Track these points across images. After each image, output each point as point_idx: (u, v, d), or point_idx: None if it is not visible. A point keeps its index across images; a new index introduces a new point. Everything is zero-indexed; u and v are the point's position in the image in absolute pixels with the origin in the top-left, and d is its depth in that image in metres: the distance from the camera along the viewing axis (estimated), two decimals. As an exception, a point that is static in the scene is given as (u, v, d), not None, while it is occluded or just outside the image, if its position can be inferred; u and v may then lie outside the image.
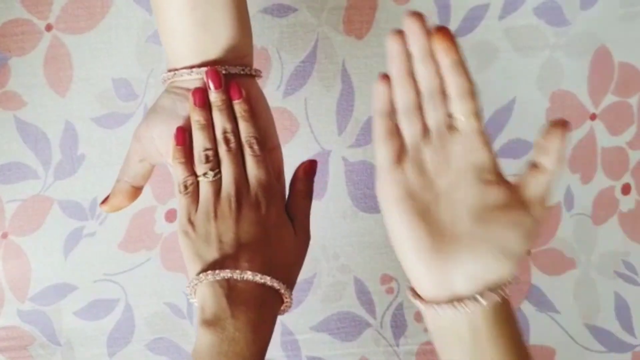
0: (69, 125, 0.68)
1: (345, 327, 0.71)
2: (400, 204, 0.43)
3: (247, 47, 0.51)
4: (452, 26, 0.70)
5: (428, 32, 0.43)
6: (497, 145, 0.72)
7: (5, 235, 0.68)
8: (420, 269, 0.43)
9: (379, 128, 0.45)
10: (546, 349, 0.74)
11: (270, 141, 0.51)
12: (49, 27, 0.66)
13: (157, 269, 0.70)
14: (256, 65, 0.68)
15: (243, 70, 0.50)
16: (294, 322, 0.71)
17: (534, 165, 0.43)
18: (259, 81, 0.68)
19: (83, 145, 0.68)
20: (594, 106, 0.73)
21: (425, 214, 0.43)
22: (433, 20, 0.70)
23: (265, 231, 0.48)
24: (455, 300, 0.42)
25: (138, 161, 0.51)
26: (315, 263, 0.71)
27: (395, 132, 0.44)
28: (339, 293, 0.71)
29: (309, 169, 0.51)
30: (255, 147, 0.49)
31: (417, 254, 0.43)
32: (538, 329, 0.74)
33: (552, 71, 0.72)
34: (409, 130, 0.44)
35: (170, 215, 0.70)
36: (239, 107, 0.49)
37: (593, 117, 0.73)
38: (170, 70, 0.50)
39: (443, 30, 0.43)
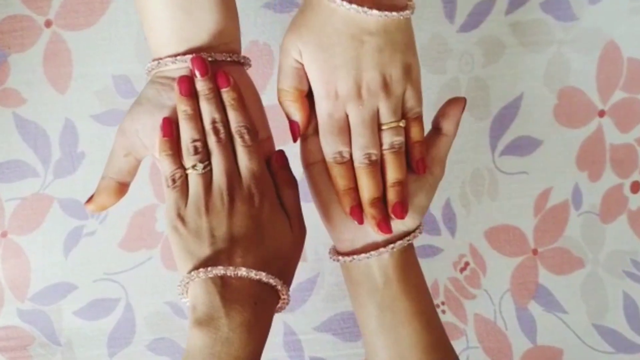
0: (68, 123, 0.67)
1: (349, 327, 0.70)
2: (320, 167, 0.48)
3: (233, 33, 0.49)
4: (458, 21, 0.69)
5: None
6: (504, 142, 0.71)
7: (4, 234, 0.67)
8: (340, 225, 0.49)
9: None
10: (554, 350, 0.73)
11: (262, 131, 0.49)
12: (48, 23, 0.65)
13: (158, 268, 0.69)
14: (258, 61, 0.67)
15: (230, 57, 0.48)
16: (297, 322, 0.70)
17: (436, 131, 0.50)
18: (263, 75, 0.68)
19: (83, 143, 0.67)
20: (603, 103, 0.72)
21: None
22: (439, 16, 0.69)
23: (259, 225, 0.46)
24: (371, 249, 0.48)
25: (123, 156, 0.49)
26: (318, 263, 0.70)
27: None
28: (343, 292, 0.70)
29: (280, 160, 0.49)
30: (246, 137, 0.47)
31: (337, 212, 0.48)
32: (545, 329, 0.73)
33: (560, 67, 0.71)
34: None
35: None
36: (227, 95, 0.47)
37: (602, 113, 0.72)
38: (154, 60, 0.48)
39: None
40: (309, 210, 0.50)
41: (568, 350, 0.73)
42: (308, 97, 0.48)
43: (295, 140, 0.49)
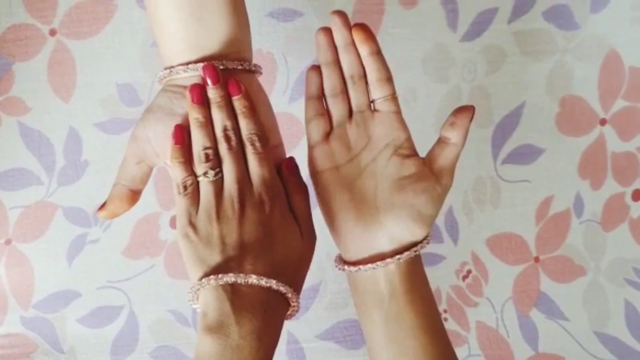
0: (72, 131, 0.67)
1: (352, 335, 0.71)
2: (327, 176, 0.49)
3: (244, 41, 0.49)
4: (461, 30, 0.69)
5: (349, 26, 0.50)
6: (506, 150, 0.71)
7: (8, 242, 0.67)
8: (347, 234, 0.48)
9: (309, 109, 0.50)
10: (555, 357, 0.73)
11: (273, 138, 0.49)
12: (52, 32, 0.66)
13: (161, 276, 0.69)
14: (262, 70, 0.67)
15: (241, 65, 0.48)
16: (300, 330, 0.70)
17: (443, 140, 0.49)
18: (266, 83, 0.68)
19: (87, 151, 0.67)
20: (604, 111, 0.72)
21: (351, 184, 0.49)
22: (442, 23, 0.69)
23: (269, 232, 0.46)
24: (377, 259, 0.47)
25: (135, 163, 0.49)
26: (321, 271, 0.70)
27: (324, 113, 0.50)
28: (345, 300, 0.70)
29: (290, 167, 0.50)
30: (257, 144, 0.47)
31: (344, 220, 0.48)
32: (547, 337, 0.73)
33: (562, 76, 0.71)
34: (335, 111, 0.50)
35: (175, 222, 0.69)
36: (238, 103, 0.48)
37: (603, 122, 0.72)
38: (166, 69, 0.48)
39: (361, 25, 0.49)
40: (313, 217, 0.50)
41: (570, 357, 0.73)
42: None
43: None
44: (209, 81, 0.47)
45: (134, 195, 0.50)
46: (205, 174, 0.47)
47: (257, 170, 0.47)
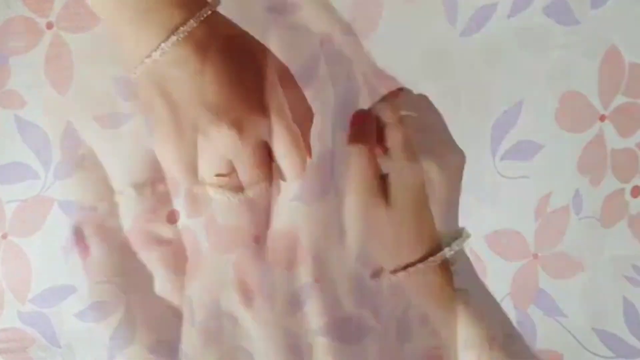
0: (69, 125, 0.67)
1: (352, 330, 0.70)
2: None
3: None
4: (460, 25, 0.69)
5: None
6: (505, 146, 0.71)
7: (5, 236, 0.67)
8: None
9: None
10: (553, 354, 0.73)
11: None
12: (49, 25, 0.65)
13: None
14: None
15: (206, 12, 0.45)
16: (300, 325, 0.70)
17: None
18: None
19: (84, 145, 0.67)
20: (604, 107, 0.72)
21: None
22: (441, 19, 0.69)
23: None
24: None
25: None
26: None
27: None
28: (343, 296, 0.70)
29: None
30: None
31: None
32: (545, 334, 0.73)
33: (562, 71, 0.71)
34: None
35: (173, 217, 0.69)
36: None
37: (603, 118, 0.72)
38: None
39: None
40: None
41: (568, 354, 0.73)
42: None
43: None
44: None
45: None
46: None
47: None
